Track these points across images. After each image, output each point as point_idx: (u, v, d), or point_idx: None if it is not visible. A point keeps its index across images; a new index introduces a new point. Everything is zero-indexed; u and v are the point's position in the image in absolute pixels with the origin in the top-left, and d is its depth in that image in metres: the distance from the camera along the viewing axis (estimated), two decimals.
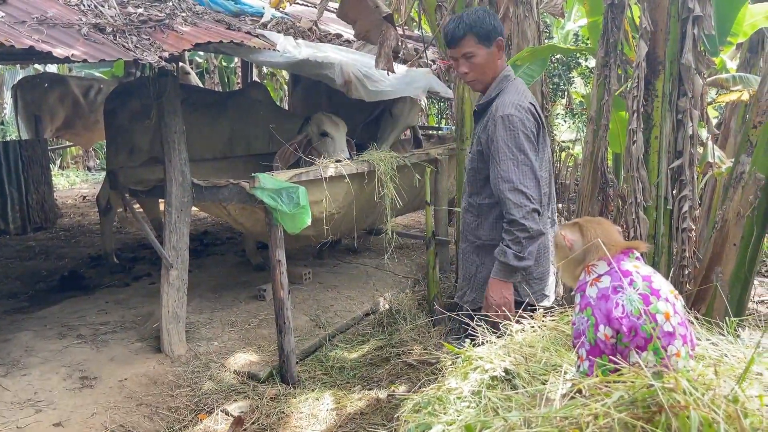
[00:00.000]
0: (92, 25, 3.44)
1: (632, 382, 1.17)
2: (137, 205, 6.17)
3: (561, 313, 2.07)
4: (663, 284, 1.50)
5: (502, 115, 2.45)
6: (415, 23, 7.61)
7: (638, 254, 1.65)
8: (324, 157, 4.65)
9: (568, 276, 1.74)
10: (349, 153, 4.86)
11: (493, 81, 2.61)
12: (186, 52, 4.69)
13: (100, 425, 3.29)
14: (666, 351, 1.38)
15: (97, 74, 10.53)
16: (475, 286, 2.69)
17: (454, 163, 5.26)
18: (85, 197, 9.92)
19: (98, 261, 6.18)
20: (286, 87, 11.93)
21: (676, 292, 1.53)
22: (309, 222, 3.84)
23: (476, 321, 2.05)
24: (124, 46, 3.31)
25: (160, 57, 3.25)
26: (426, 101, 11.66)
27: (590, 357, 1.49)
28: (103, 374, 3.74)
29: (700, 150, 3.90)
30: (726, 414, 1.03)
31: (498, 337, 1.91)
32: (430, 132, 8.36)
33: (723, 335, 1.65)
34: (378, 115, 6.00)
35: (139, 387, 3.69)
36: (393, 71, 4.33)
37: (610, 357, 1.45)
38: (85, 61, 2.97)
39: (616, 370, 1.35)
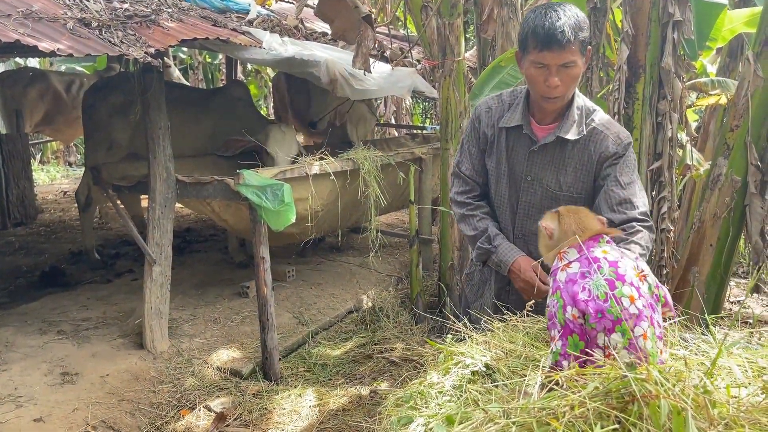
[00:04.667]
0: (78, 20, 3.43)
1: (606, 373, 1.21)
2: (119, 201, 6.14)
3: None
4: (629, 269, 1.55)
5: (630, 141, 2.19)
6: (400, 23, 7.65)
7: (608, 238, 1.70)
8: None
9: (549, 263, 1.81)
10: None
11: (568, 102, 2.17)
12: (170, 47, 4.69)
13: (82, 421, 3.28)
14: (633, 332, 1.44)
15: (79, 69, 10.36)
16: None
17: (438, 162, 5.30)
18: (65, 193, 9.81)
19: (79, 257, 6.13)
20: (270, 84, 11.91)
21: (644, 273, 1.57)
22: (293, 219, 3.85)
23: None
24: (109, 41, 3.31)
25: (146, 53, 3.25)
26: (411, 101, 11.73)
27: (562, 338, 1.54)
28: (85, 370, 3.72)
29: (680, 152, 3.97)
30: (695, 403, 1.08)
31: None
32: (415, 131, 8.39)
33: (695, 331, 1.70)
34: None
35: (120, 383, 3.68)
36: (369, 71, 4.36)
37: (584, 346, 1.50)
38: (70, 55, 2.96)
39: (587, 359, 1.39)
